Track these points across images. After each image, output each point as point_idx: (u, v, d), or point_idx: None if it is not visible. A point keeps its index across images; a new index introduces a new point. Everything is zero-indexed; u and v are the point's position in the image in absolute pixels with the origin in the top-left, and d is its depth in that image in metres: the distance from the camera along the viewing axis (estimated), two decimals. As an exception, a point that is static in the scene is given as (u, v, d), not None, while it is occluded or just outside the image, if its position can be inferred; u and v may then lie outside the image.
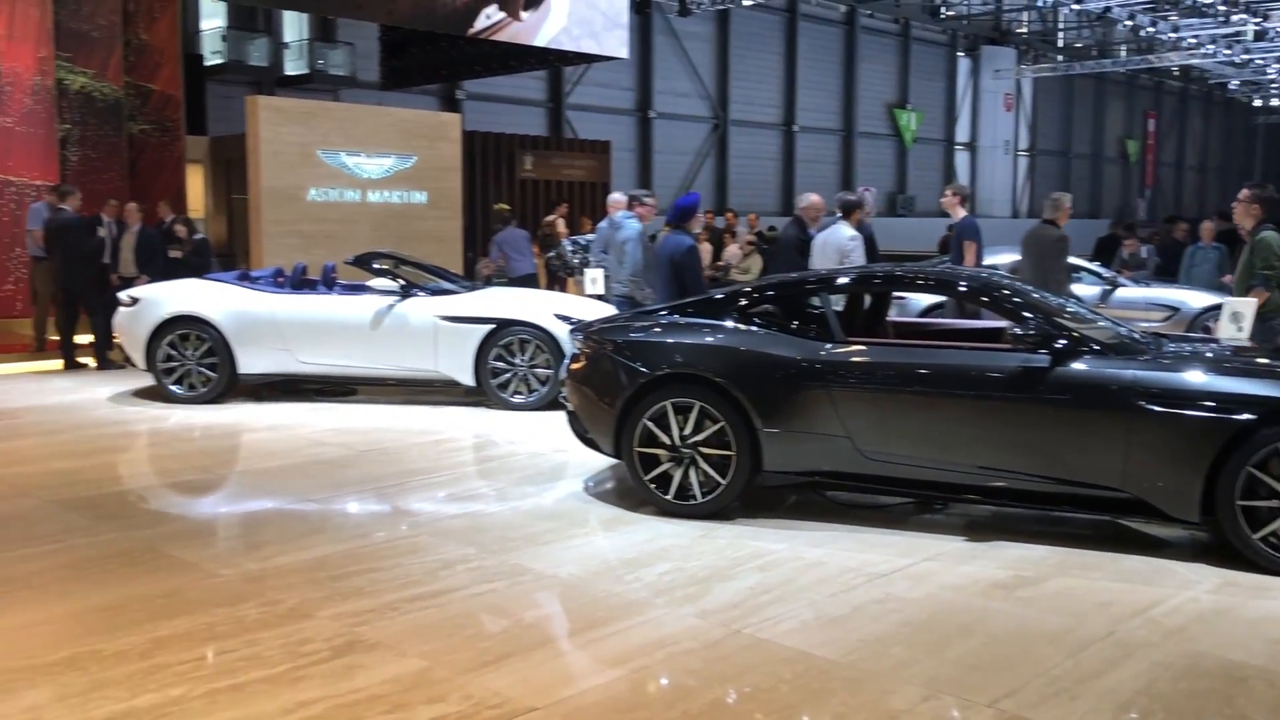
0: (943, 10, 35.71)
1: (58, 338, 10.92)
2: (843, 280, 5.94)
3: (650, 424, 5.54)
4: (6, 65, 12.73)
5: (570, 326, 7.57)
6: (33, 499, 5.95)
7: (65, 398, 9.31)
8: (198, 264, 10.71)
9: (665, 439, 5.51)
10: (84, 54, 13.28)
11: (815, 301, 6.05)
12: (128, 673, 3.66)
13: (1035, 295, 5.63)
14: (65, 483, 6.34)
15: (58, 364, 10.80)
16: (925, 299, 10.96)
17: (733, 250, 14.77)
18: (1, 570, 4.73)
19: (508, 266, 12.53)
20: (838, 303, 6.03)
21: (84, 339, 11.03)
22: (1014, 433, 5.04)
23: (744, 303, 5.85)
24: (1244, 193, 7.17)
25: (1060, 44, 42.87)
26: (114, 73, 13.47)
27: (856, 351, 5.36)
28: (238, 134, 19.19)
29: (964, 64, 42.73)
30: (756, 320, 5.73)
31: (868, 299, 6.47)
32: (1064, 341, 5.05)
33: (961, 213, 9.48)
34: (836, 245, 8.62)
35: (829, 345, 5.40)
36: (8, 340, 11.91)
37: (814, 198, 9.19)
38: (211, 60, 22.71)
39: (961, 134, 43.14)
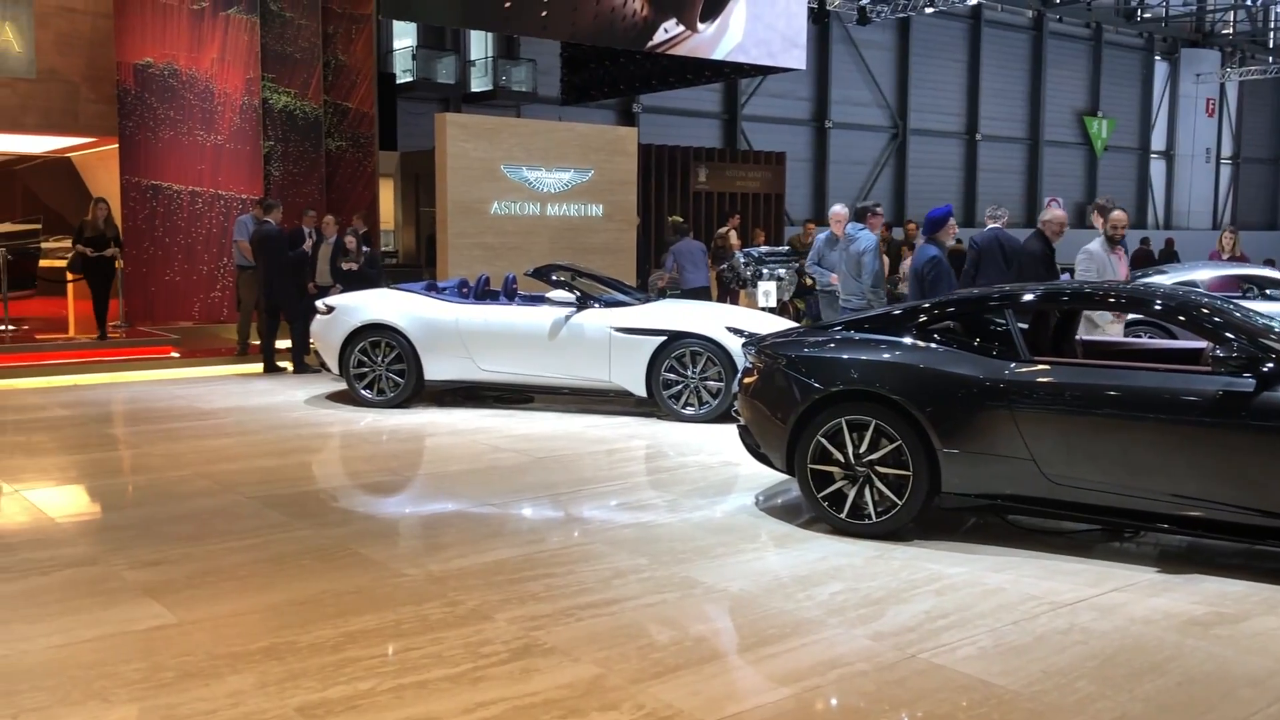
0: (1139, 13, 34.09)
1: (259, 342, 11.62)
2: (1029, 297, 5.75)
3: (824, 441, 5.49)
4: (219, 87, 13.65)
5: (743, 340, 7.58)
6: (236, 495, 6.35)
7: (265, 399, 9.89)
8: (371, 275, 11.22)
9: (839, 456, 5.45)
10: (287, 75, 14.12)
11: (999, 319, 5.88)
12: (320, 664, 3.86)
13: (1238, 314, 5.31)
14: (265, 480, 6.74)
15: (258, 367, 11.49)
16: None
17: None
18: (210, 562, 5.08)
19: (681, 278, 12.64)
20: (1023, 320, 5.83)
21: (283, 344, 11.71)
22: (1214, 460, 4.77)
23: (923, 319, 5.73)
24: None
25: (1271, 45, 40.25)
26: (314, 92, 14.27)
27: (1043, 371, 5.17)
28: (426, 149, 20.10)
29: (1161, 68, 40.67)
30: (936, 337, 5.61)
31: (1055, 316, 6.24)
32: (1271, 364, 4.75)
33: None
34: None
35: (1014, 364, 5.23)
36: (214, 344, 12.75)
37: (1057, 211, 8.93)
38: (402, 78, 23.77)
39: (1157, 142, 41.05)
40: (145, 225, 13.38)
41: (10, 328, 12.25)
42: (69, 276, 12.68)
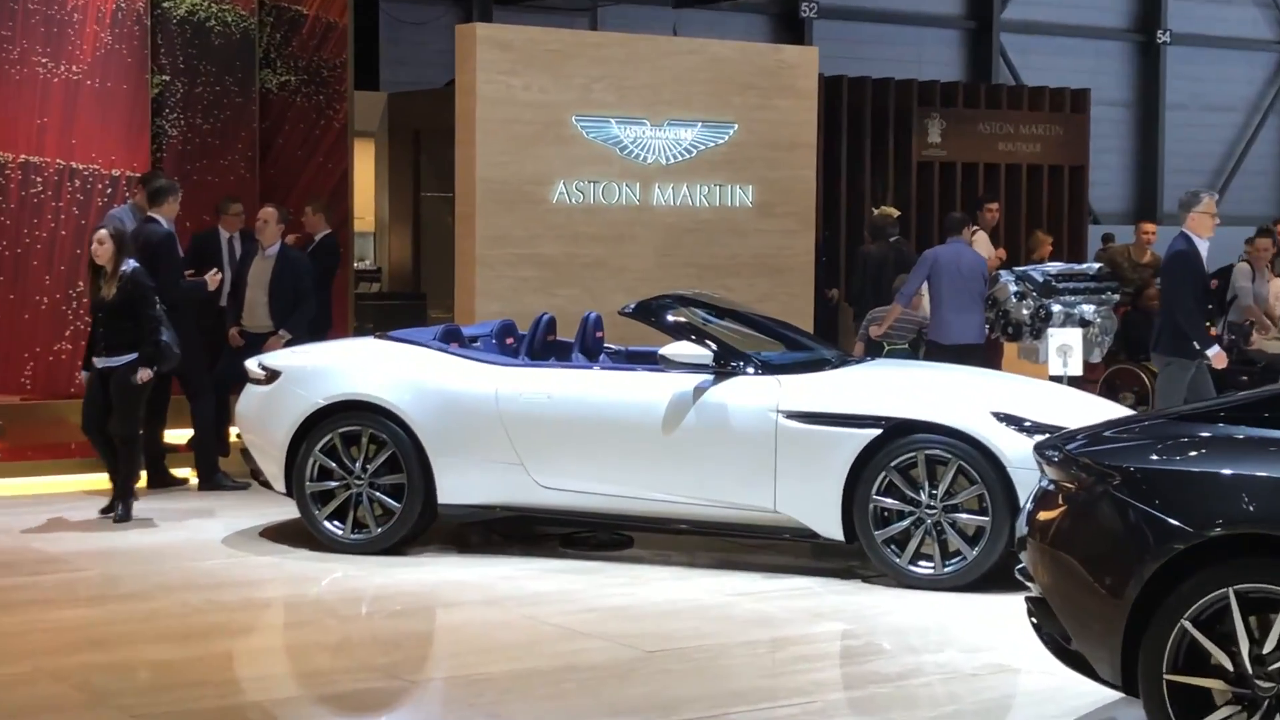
0: None
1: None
2: None
3: (1193, 629, 5.37)
4: None
5: (1031, 438, 7.50)
6: (108, 712, 6.43)
7: (153, 537, 10.10)
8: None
9: (1223, 659, 5.32)
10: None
11: None
12: None
13: None
14: (160, 686, 6.87)
15: (139, 478, 11.69)
16: None
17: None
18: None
19: (935, 319, 12.59)
20: None
21: (180, 435, 11.92)
22: None
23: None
24: None
25: None
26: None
27: None
28: (431, 87, 20.42)
29: None
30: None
31: None
32: None
33: None
34: None
35: None
36: (59, 434, 12.99)
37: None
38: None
39: None
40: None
41: None
42: None
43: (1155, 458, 5.74)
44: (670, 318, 9.50)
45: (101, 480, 11.87)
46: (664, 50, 14.50)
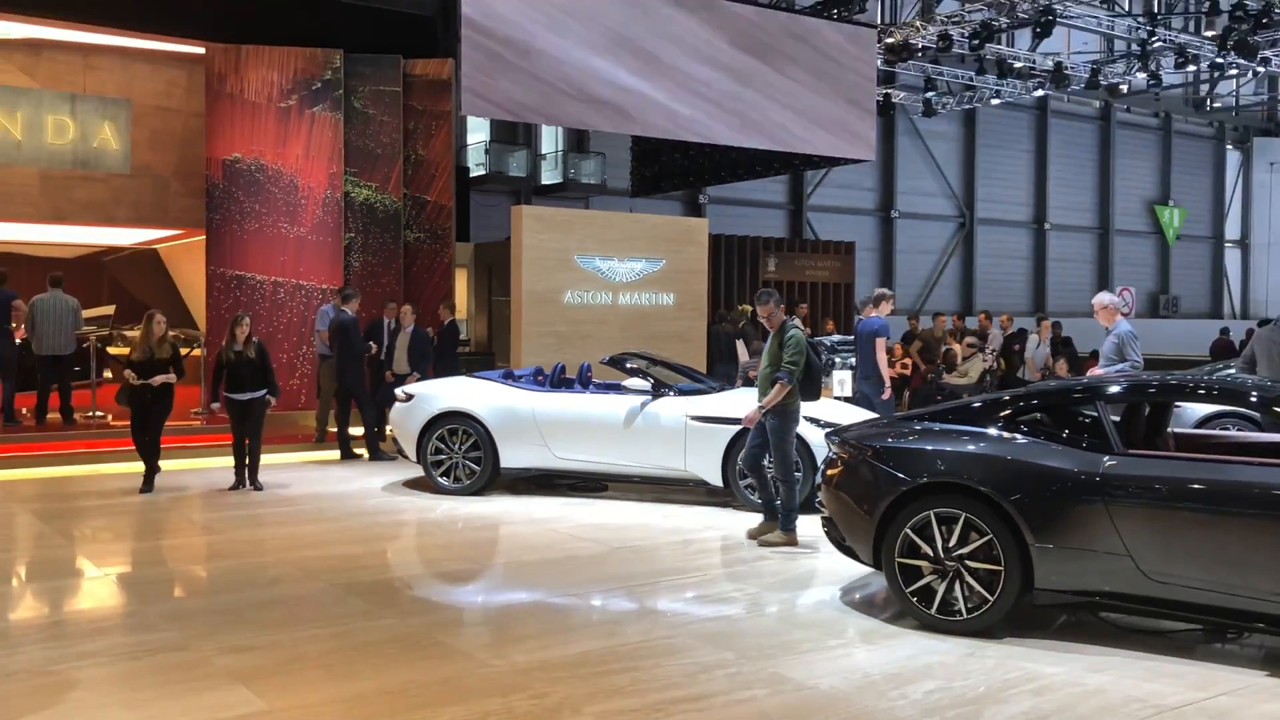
0: (1209, 102, 34.00)
1: (336, 429, 11.79)
2: (1117, 389, 5.66)
3: (912, 534, 5.41)
4: (303, 181, 14.10)
5: (825, 431, 7.53)
6: (319, 582, 6.39)
7: (342, 486, 10.00)
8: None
9: (928, 550, 5.36)
10: (369, 169, 14.53)
11: (1088, 409, 5.79)
12: (411, 755, 3.84)
13: (1344, 407, 5.18)
14: (346, 568, 6.79)
15: (336, 454, 11.64)
16: (1200, 409, 10.23)
17: (955, 350, 14.34)
18: (296, 649, 5.10)
19: None
20: (1114, 412, 5.74)
21: (356, 431, 11.86)
22: (1323, 559, 4.60)
23: (1009, 410, 5.66)
24: None
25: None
26: (394, 185, 14.65)
27: (1139, 464, 5.06)
28: (498, 240, 20.47)
29: (1234, 157, 40.35)
30: (1023, 428, 5.53)
31: (1146, 408, 6.13)
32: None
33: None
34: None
35: (1107, 457, 5.13)
36: (292, 430, 12.95)
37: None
38: (476, 171, 24.37)
39: (1232, 230, 40.52)
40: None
41: (99, 414, 12.56)
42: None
43: (890, 440, 5.77)
44: (629, 364, 9.47)
45: (312, 455, 11.83)
46: (627, 221, 14.54)
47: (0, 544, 7.60)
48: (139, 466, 9.63)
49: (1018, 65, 25.68)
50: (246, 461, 9.66)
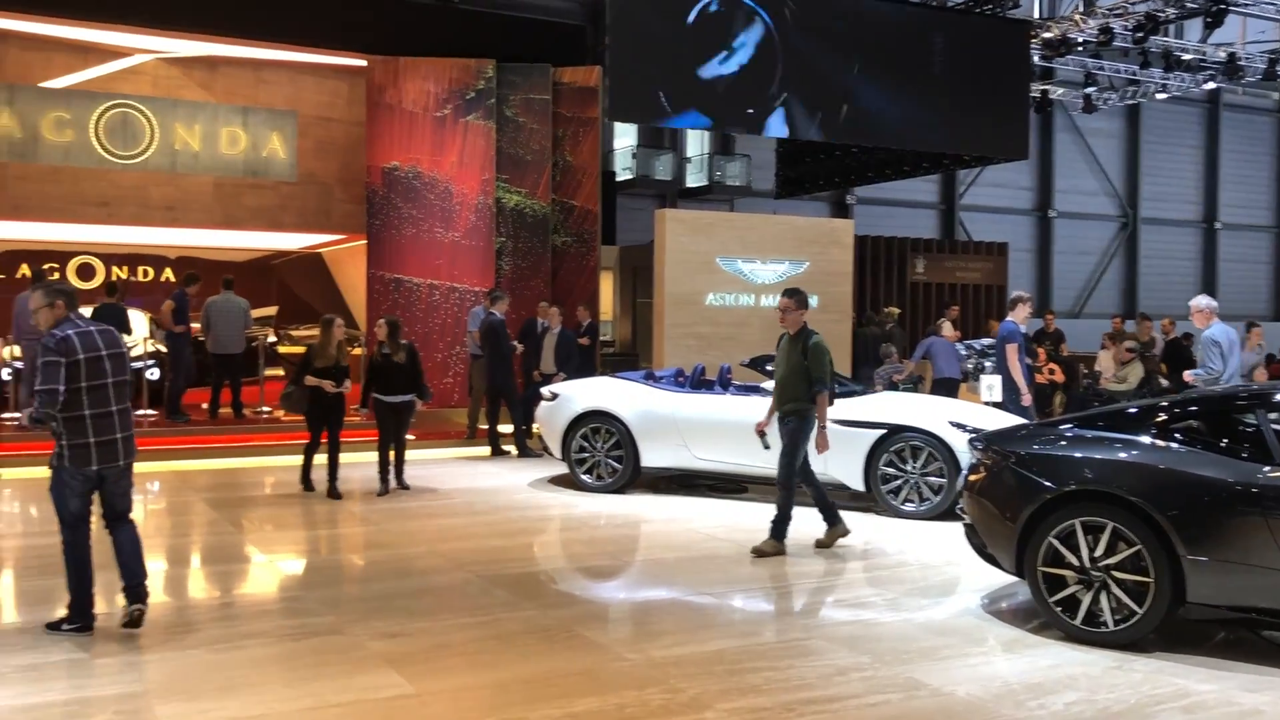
0: (1403, 89, 31.70)
1: (486, 427, 12.14)
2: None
3: (1056, 543, 5.28)
4: (457, 188, 14.57)
5: (968, 436, 7.39)
6: (466, 573, 6.63)
7: (491, 481, 10.30)
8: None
9: (1073, 560, 5.22)
10: (519, 176, 14.92)
11: (1247, 418, 5.54)
12: (548, 742, 3.97)
13: None
14: (492, 559, 7.01)
15: (486, 450, 11.99)
16: None
17: (1104, 358, 13.78)
18: (444, 636, 5.32)
19: (934, 368, 12.38)
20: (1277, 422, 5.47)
21: (505, 428, 12.20)
22: None
23: (1163, 417, 5.46)
24: None
25: None
26: (543, 191, 15.00)
27: (1301, 476, 4.83)
28: (643, 243, 20.65)
29: None
30: (1177, 436, 5.33)
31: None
32: None
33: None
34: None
35: (1267, 467, 4.90)
36: (445, 427, 13.40)
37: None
38: (622, 176, 24.66)
39: None
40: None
41: (266, 410, 13.25)
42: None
43: (1037, 446, 5.65)
44: (769, 367, 9.44)
45: (463, 451, 12.21)
46: (770, 222, 14.49)
47: (179, 530, 8.15)
48: (294, 460, 10.01)
49: (1186, 57, 24.47)
50: (392, 462, 9.54)
